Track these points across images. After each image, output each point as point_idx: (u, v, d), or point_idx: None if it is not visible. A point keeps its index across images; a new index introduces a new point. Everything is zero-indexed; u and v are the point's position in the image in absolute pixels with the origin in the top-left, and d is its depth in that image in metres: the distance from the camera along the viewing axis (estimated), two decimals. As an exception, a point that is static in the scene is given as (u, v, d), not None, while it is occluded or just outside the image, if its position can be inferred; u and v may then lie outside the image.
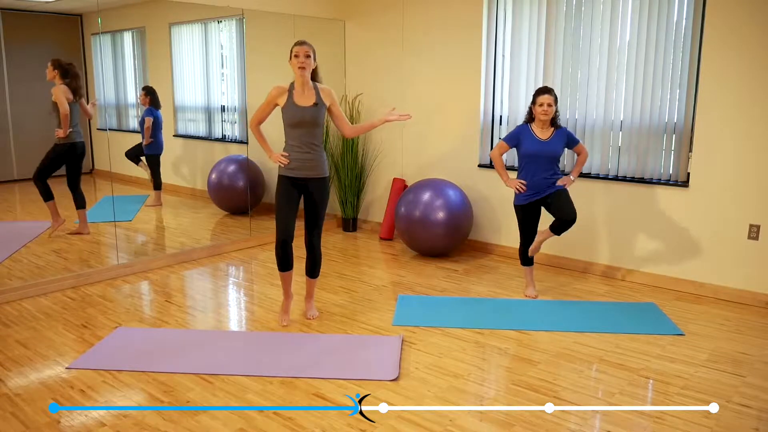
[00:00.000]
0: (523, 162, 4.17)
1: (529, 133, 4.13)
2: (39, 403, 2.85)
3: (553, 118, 4.10)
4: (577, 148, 4.24)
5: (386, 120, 3.76)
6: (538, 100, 4.06)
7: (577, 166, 4.26)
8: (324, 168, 3.71)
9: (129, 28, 5.74)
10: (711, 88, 4.26)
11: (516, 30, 5.22)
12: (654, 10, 4.48)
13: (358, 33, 6.25)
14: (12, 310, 4.05)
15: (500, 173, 4.25)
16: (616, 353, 3.44)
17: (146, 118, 5.54)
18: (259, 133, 3.73)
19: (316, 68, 3.65)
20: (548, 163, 4.11)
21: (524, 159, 4.15)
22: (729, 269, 4.35)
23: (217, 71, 6.19)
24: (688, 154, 4.49)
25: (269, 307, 4.14)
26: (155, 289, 4.56)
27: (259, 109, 3.69)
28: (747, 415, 2.79)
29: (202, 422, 2.70)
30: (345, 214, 6.39)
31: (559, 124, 4.15)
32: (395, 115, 3.73)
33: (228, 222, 6.27)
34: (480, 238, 5.62)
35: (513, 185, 4.17)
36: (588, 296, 4.43)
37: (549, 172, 4.11)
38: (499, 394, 2.98)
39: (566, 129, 4.21)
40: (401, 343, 3.53)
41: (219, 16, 5.90)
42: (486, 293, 4.48)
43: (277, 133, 3.74)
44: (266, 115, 3.69)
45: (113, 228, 5.29)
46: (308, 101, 3.58)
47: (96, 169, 5.52)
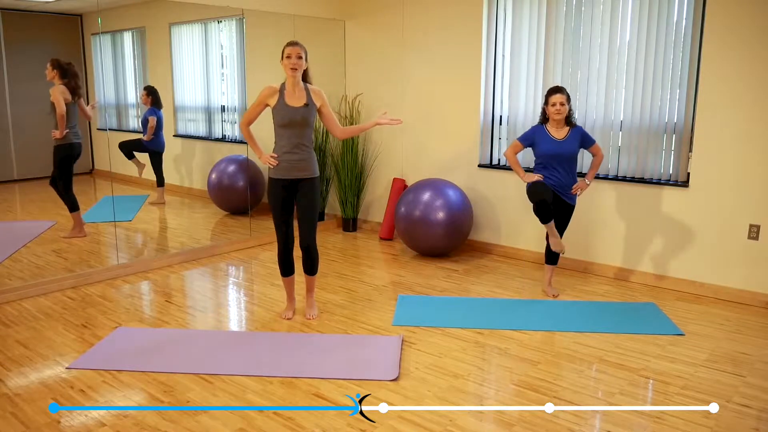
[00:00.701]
0: (540, 162, 4.15)
1: (545, 134, 4.12)
2: (39, 403, 2.85)
3: (568, 117, 4.08)
4: (593, 149, 4.22)
5: (377, 123, 3.78)
6: (550, 99, 4.05)
7: (593, 168, 4.25)
8: (314, 168, 3.71)
9: (129, 28, 5.74)
10: (711, 88, 4.26)
11: (516, 30, 5.22)
12: (654, 10, 4.48)
13: (358, 33, 6.25)
14: (12, 310, 4.05)
15: (517, 171, 4.23)
16: (616, 353, 3.44)
17: (149, 117, 5.54)
18: (249, 133, 3.73)
19: (307, 69, 3.66)
20: (566, 163, 4.09)
21: (541, 159, 4.13)
22: (729, 269, 4.35)
23: (217, 71, 6.19)
24: (688, 154, 4.49)
25: (269, 307, 4.14)
26: (155, 289, 4.56)
27: (250, 110, 3.70)
28: (747, 415, 2.79)
29: (202, 422, 2.70)
30: (345, 214, 6.39)
31: (574, 122, 4.14)
32: (386, 119, 3.74)
33: (228, 222, 6.27)
34: (480, 238, 5.62)
35: (531, 179, 4.13)
36: (588, 296, 4.43)
37: (565, 173, 4.10)
38: (499, 394, 2.98)
39: (582, 128, 4.19)
40: (401, 343, 3.53)
41: (219, 16, 5.91)
42: (486, 293, 4.48)
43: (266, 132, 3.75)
44: (256, 115, 3.70)
45: (113, 228, 5.28)
46: (299, 102, 3.59)
47: (96, 169, 5.52)
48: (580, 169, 4.82)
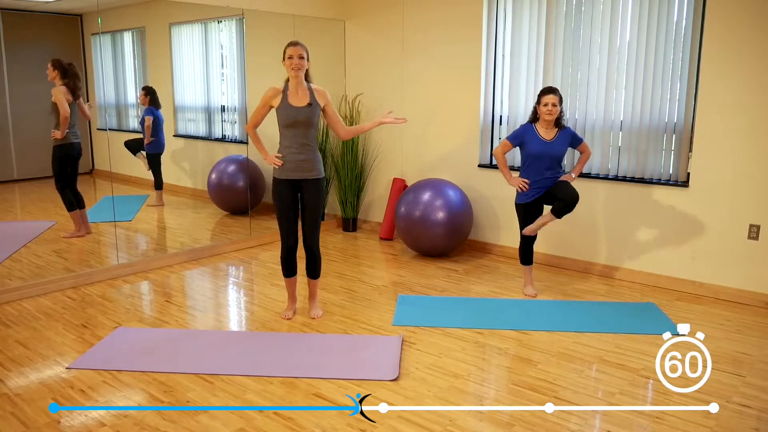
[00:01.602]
0: (527, 162, 4.16)
1: (534, 133, 4.13)
2: (39, 403, 2.85)
3: (557, 119, 4.09)
4: (581, 147, 4.23)
5: (381, 122, 3.78)
6: (542, 99, 4.06)
7: (579, 164, 4.26)
8: (319, 169, 3.71)
9: (129, 28, 5.74)
10: (711, 88, 4.26)
11: (516, 30, 5.21)
12: (654, 10, 4.48)
13: (358, 33, 6.25)
14: (12, 310, 4.05)
15: (503, 172, 4.25)
16: (616, 353, 3.44)
17: (146, 117, 5.54)
18: (255, 135, 3.74)
19: (308, 68, 3.66)
20: (551, 163, 4.10)
21: (528, 159, 4.15)
22: (729, 269, 4.35)
23: (217, 71, 6.19)
24: (688, 154, 4.49)
25: (269, 307, 4.14)
26: (155, 289, 4.56)
27: (255, 112, 3.70)
28: (747, 415, 2.79)
29: (202, 422, 2.70)
30: (345, 214, 6.39)
31: (563, 124, 4.15)
32: (391, 117, 3.74)
33: (228, 222, 6.27)
34: (480, 238, 5.62)
35: (516, 184, 4.17)
36: (588, 296, 4.43)
37: (552, 171, 4.12)
38: (499, 394, 2.98)
39: (571, 129, 4.20)
40: (401, 343, 3.53)
41: (219, 16, 5.91)
42: (486, 293, 4.48)
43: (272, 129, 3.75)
44: (262, 117, 3.70)
45: (113, 228, 5.29)
46: (302, 101, 3.59)
47: (96, 169, 5.52)
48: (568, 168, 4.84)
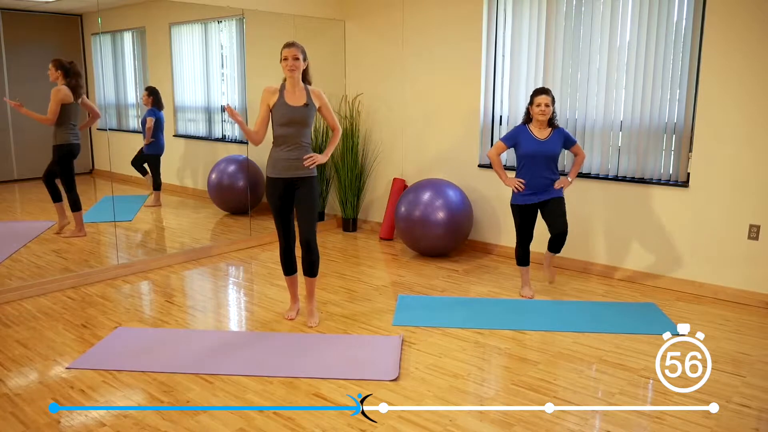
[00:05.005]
0: (522, 162, 4.18)
1: (527, 134, 4.14)
2: (39, 403, 2.85)
3: (550, 119, 4.12)
4: (575, 149, 4.25)
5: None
6: (535, 100, 4.08)
7: (575, 167, 4.28)
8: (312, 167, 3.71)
9: (129, 28, 5.74)
10: (711, 88, 4.26)
11: (516, 30, 5.22)
12: (654, 10, 4.48)
13: (358, 33, 6.25)
14: (12, 310, 4.05)
15: (498, 173, 4.26)
16: (616, 353, 3.44)
17: (148, 118, 5.54)
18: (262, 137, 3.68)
19: (307, 68, 3.65)
20: (547, 163, 4.12)
21: (523, 159, 4.17)
22: (729, 269, 4.34)
23: (217, 71, 6.19)
24: (688, 154, 4.49)
25: (269, 307, 4.14)
26: (155, 289, 4.56)
27: (259, 116, 3.65)
28: (747, 415, 2.79)
29: (202, 422, 2.70)
30: (345, 214, 6.39)
31: (556, 124, 4.17)
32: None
33: (228, 222, 6.27)
34: (480, 238, 5.62)
35: (512, 184, 4.18)
36: (587, 296, 4.43)
37: (547, 172, 4.12)
38: (499, 394, 2.98)
39: (564, 129, 4.22)
40: (401, 343, 3.53)
41: (219, 16, 5.91)
42: (486, 293, 4.48)
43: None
44: (266, 117, 3.67)
45: (113, 228, 5.28)
46: (299, 101, 3.59)
47: (96, 169, 5.52)
48: (562, 170, 4.85)
